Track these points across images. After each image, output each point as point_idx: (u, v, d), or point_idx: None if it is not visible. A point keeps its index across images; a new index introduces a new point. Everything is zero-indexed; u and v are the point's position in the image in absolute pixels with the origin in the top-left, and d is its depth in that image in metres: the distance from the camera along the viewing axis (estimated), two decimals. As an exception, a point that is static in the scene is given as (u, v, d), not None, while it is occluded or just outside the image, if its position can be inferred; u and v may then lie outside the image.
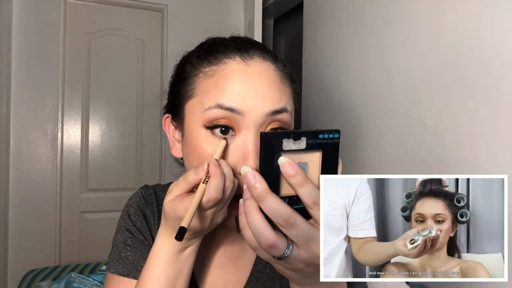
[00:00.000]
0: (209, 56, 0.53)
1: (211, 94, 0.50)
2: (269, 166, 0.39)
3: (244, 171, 0.39)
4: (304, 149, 0.39)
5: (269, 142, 0.38)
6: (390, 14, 1.40)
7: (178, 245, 0.50)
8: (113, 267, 0.59)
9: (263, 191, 0.38)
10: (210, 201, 0.44)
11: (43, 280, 1.53)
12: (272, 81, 0.51)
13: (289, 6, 2.57)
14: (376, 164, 1.48)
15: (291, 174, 0.37)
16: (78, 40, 2.20)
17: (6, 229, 2.04)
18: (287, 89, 0.54)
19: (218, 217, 0.48)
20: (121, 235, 0.62)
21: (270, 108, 0.49)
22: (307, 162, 0.39)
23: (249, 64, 0.51)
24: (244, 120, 0.49)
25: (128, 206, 0.65)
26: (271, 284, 0.61)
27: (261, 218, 0.39)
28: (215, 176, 0.44)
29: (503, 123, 0.99)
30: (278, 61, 0.55)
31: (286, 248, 0.39)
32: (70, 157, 2.20)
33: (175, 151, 0.59)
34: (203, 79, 0.52)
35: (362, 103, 1.55)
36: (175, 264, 0.51)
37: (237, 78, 0.50)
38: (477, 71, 1.06)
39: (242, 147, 0.49)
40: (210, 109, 0.49)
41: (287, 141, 0.38)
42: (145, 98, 2.33)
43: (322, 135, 0.39)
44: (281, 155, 0.38)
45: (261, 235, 0.38)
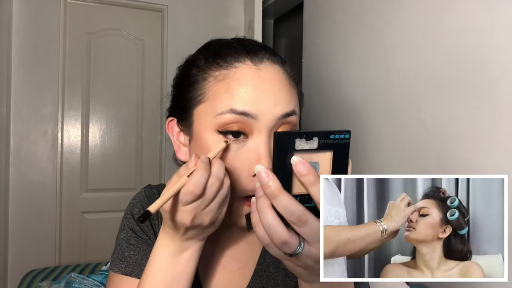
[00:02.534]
0: (219, 60, 0.53)
1: (223, 99, 0.50)
2: (282, 165, 0.40)
3: (257, 169, 0.40)
4: (315, 149, 0.40)
5: (282, 142, 0.39)
6: (390, 14, 1.40)
7: (175, 246, 0.50)
8: (116, 266, 0.59)
9: (276, 189, 0.39)
10: (187, 194, 0.44)
11: (43, 280, 1.53)
12: (282, 84, 0.52)
13: (289, 6, 2.57)
14: (376, 164, 1.48)
15: (304, 173, 0.38)
16: (78, 40, 2.20)
17: (6, 229, 2.04)
18: (294, 91, 0.55)
19: (204, 216, 0.47)
20: (125, 235, 0.62)
21: (281, 111, 0.50)
22: (318, 161, 0.40)
23: (259, 67, 0.52)
24: (257, 124, 0.50)
25: (132, 205, 0.65)
26: (274, 283, 0.62)
27: (274, 215, 0.39)
28: (198, 171, 0.44)
29: (503, 123, 0.99)
30: (285, 64, 0.56)
31: (298, 245, 0.40)
32: (70, 157, 2.20)
33: (181, 154, 0.59)
34: (214, 83, 0.52)
35: (362, 103, 1.55)
36: (172, 266, 0.50)
37: (249, 82, 0.50)
38: (477, 71, 1.06)
39: (255, 150, 0.50)
40: (222, 114, 0.50)
41: (299, 141, 0.39)
42: (145, 98, 2.33)
43: (333, 135, 0.40)
44: (294, 155, 0.39)
45: (274, 232, 0.39)
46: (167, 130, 0.61)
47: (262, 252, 0.63)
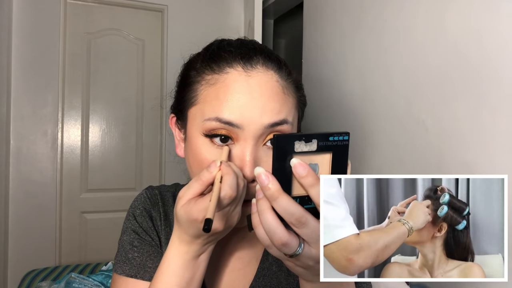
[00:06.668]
0: (212, 64, 0.53)
1: (211, 105, 0.51)
2: (281, 167, 0.40)
3: (257, 172, 0.40)
4: (315, 151, 0.40)
5: (282, 144, 0.39)
6: (390, 14, 1.40)
7: (192, 252, 0.50)
8: (120, 268, 0.60)
9: (276, 191, 0.39)
10: (225, 198, 0.44)
11: (43, 280, 1.53)
12: (272, 92, 0.51)
13: (289, 6, 2.57)
14: (376, 164, 1.48)
15: (303, 175, 0.38)
16: (78, 40, 2.20)
17: (6, 229, 2.04)
18: (290, 99, 0.54)
19: (233, 217, 0.48)
20: (128, 236, 0.62)
21: (269, 120, 0.50)
22: (317, 163, 0.40)
23: (250, 74, 0.51)
24: (243, 133, 0.49)
25: (134, 207, 0.66)
26: (277, 282, 0.62)
27: (274, 217, 0.40)
28: (228, 175, 0.45)
29: (503, 123, 0.99)
30: (282, 69, 0.54)
31: (298, 246, 0.40)
32: (70, 157, 2.20)
33: (180, 150, 0.60)
34: (205, 87, 0.53)
35: (362, 103, 1.55)
36: (187, 271, 0.51)
37: (237, 90, 0.50)
38: (477, 71, 1.06)
39: (240, 157, 0.50)
40: (209, 120, 0.50)
41: (299, 143, 0.39)
42: (145, 98, 2.33)
43: (332, 137, 0.40)
44: (293, 157, 0.39)
45: (274, 233, 0.40)
46: (170, 126, 0.62)
47: (264, 251, 0.64)
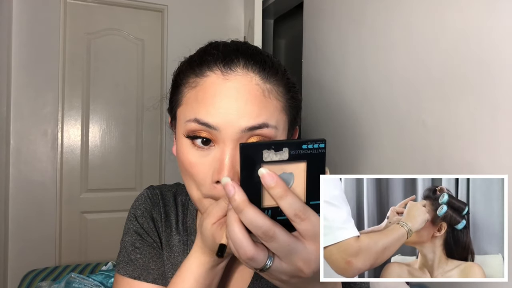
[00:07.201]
0: (195, 67, 0.54)
1: (191, 107, 0.51)
2: (249, 178, 0.38)
3: (224, 182, 0.39)
4: (286, 160, 0.38)
5: (248, 154, 0.37)
6: (390, 14, 1.40)
7: (214, 262, 0.50)
8: (123, 269, 0.60)
9: (242, 203, 0.37)
10: None
11: (43, 280, 1.53)
12: (251, 96, 0.50)
13: (289, 6, 2.57)
14: (376, 164, 1.48)
15: (272, 186, 0.37)
16: (78, 40, 2.20)
17: (6, 229, 2.04)
18: (272, 102, 0.51)
19: None
20: (130, 237, 0.63)
21: (246, 124, 0.48)
22: (292, 172, 0.38)
23: (228, 78, 0.50)
24: (221, 135, 0.49)
25: (135, 208, 0.66)
26: (274, 284, 0.62)
27: (240, 229, 0.38)
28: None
29: (503, 123, 0.99)
30: (265, 71, 0.52)
31: (267, 259, 0.39)
32: (70, 157, 2.20)
33: (174, 149, 0.60)
34: (188, 90, 0.53)
35: (362, 103, 1.55)
36: (207, 278, 0.51)
37: (214, 93, 0.50)
38: (477, 71, 1.06)
39: (219, 159, 0.49)
40: (189, 122, 0.50)
41: (267, 152, 0.37)
42: (145, 98, 2.33)
43: (306, 145, 0.37)
44: (262, 166, 0.37)
45: (239, 247, 0.38)
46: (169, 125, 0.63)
47: None
